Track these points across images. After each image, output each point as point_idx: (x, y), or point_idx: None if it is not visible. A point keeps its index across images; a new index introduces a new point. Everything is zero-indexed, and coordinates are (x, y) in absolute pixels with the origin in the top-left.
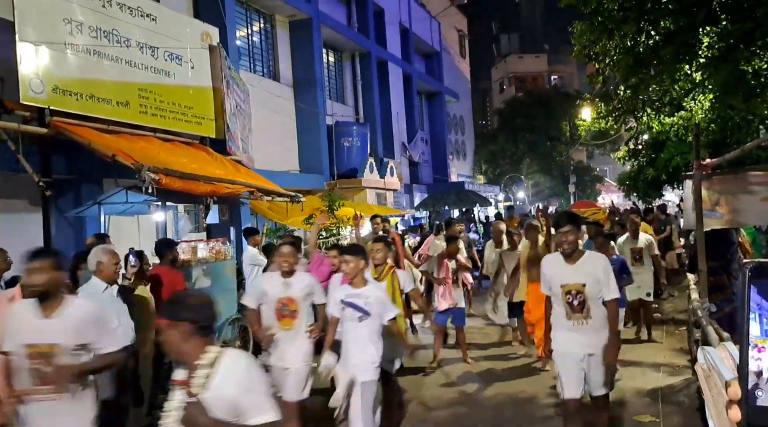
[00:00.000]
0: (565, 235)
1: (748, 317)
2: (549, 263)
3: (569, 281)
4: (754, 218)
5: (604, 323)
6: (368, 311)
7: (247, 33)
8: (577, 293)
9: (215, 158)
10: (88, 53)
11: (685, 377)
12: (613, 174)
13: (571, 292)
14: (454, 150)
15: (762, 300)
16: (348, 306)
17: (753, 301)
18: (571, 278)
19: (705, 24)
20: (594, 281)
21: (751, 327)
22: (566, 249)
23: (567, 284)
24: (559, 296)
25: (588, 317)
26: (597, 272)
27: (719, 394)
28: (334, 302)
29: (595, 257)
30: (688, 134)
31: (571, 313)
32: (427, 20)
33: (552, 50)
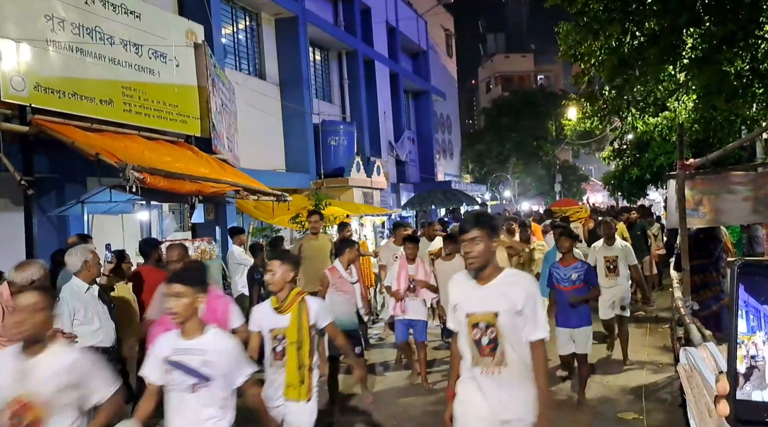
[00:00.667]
0: (470, 244)
1: (737, 315)
2: (456, 284)
3: (476, 308)
4: (735, 217)
5: (526, 374)
6: (206, 374)
7: (233, 31)
8: (487, 326)
9: (200, 157)
10: (70, 50)
11: (668, 375)
12: (599, 173)
13: (479, 325)
14: (440, 149)
15: (748, 297)
16: (175, 368)
17: (740, 299)
18: (479, 304)
19: (689, 25)
20: (512, 311)
21: (738, 324)
22: (473, 263)
23: (474, 314)
24: (465, 331)
25: (502, 363)
26: (518, 298)
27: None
28: (155, 361)
29: (519, 277)
30: (671, 134)
31: (479, 356)
32: (413, 19)
33: (538, 50)
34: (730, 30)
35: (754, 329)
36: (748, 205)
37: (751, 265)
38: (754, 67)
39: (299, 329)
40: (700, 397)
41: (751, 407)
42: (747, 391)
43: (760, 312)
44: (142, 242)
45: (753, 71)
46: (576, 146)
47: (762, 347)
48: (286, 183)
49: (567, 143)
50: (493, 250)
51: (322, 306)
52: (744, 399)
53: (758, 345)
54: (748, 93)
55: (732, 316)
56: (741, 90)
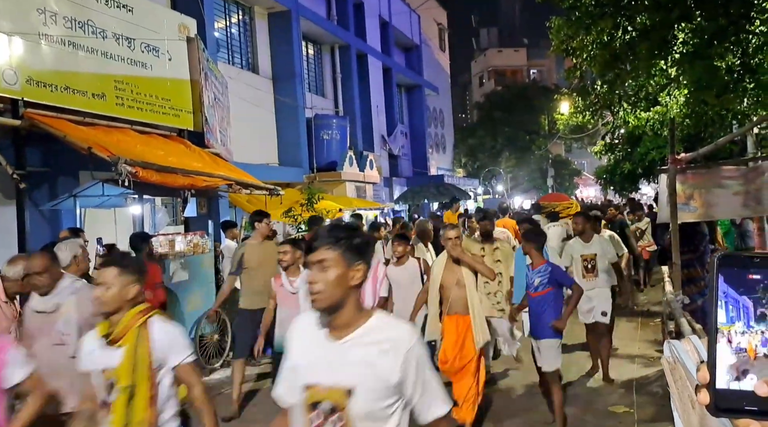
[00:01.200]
0: (316, 270)
1: (716, 305)
2: (297, 332)
3: (320, 378)
4: (726, 212)
5: None
6: None
7: (226, 25)
8: (332, 410)
9: (193, 151)
10: (62, 44)
11: (658, 368)
12: (591, 168)
13: (321, 405)
14: (433, 143)
15: (728, 288)
16: None
17: (725, 288)
18: (325, 372)
19: (680, 20)
20: (376, 389)
21: (726, 313)
22: (316, 302)
23: (315, 386)
24: (300, 412)
25: None
26: (391, 367)
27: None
28: None
29: (397, 331)
30: (663, 129)
31: None
32: (406, 13)
33: (531, 44)
34: (720, 25)
35: (734, 319)
36: (738, 199)
37: (730, 256)
38: (744, 61)
39: (133, 369)
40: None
41: (730, 395)
42: (726, 380)
43: (739, 303)
44: (133, 236)
45: (744, 66)
46: (568, 141)
47: (740, 337)
48: (278, 177)
49: (559, 138)
50: (351, 284)
51: (173, 335)
52: (723, 388)
53: (737, 335)
54: (739, 88)
55: (712, 306)
56: (732, 85)
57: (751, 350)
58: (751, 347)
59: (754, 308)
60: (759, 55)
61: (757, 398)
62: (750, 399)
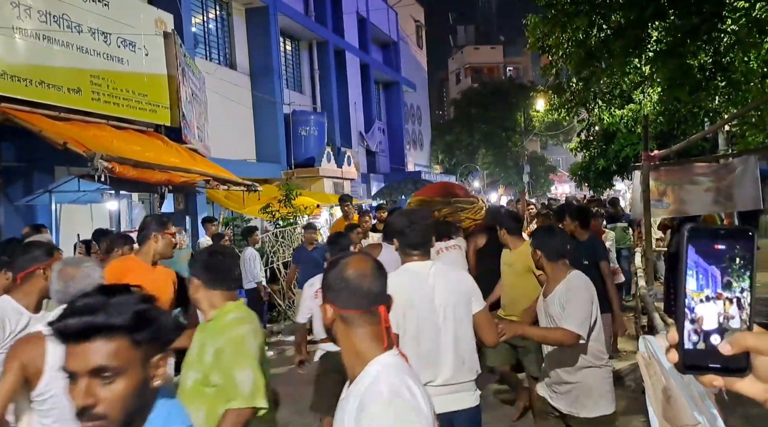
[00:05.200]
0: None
1: (685, 272)
2: None
3: None
4: (698, 208)
5: None
6: None
7: (203, 20)
8: None
9: (170, 146)
10: (37, 38)
11: (631, 362)
12: (566, 164)
13: None
14: (411, 140)
15: (698, 258)
16: None
17: (690, 259)
18: None
19: (654, 19)
20: None
21: (689, 282)
22: None
23: None
24: None
25: None
26: None
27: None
28: None
29: None
30: (637, 126)
31: None
32: (384, 10)
33: (508, 42)
34: (693, 24)
35: (703, 286)
36: (710, 195)
37: (699, 229)
38: (716, 60)
39: None
40: (658, 383)
41: (696, 355)
42: (693, 340)
43: (708, 272)
44: (94, 231)
45: (716, 64)
46: (544, 137)
47: (707, 302)
48: (256, 173)
49: (535, 134)
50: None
51: None
52: (690, 348)
53: (705, 301)
54: (711, 86)
55: (681, 273)
56: (704, 83)
57: (717, 313)
58: (717, 311)
59: (721, 276)
60: (730, 54)
61: (721, 357)
62: (714, 358)
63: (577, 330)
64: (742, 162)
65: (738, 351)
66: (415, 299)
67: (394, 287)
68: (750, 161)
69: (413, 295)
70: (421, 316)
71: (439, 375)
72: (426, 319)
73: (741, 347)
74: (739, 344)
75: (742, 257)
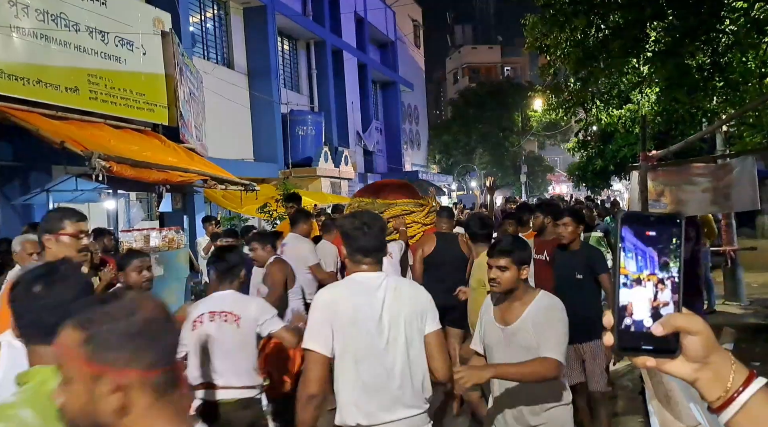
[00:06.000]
0: None
1: (623, 254)
2: None
3: None
4: (696, 208)
5: None
6: None
7: (201, 19)
8: None
9: (168, 146)
10: (34, 37)
11: (628, 362)
12: (564, 164)
13: None
14: (408, 140)
15: (637, 241)
16: None
17: (628, 241)
18: None
19: (652, 19)
20: None
21: (628, 264)
22: None
23: None
24: None
25: None
26: None
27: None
28: None
29: None
30: (635, 126)
31: None
32: (382, 9)
33: (505, 42)
34: (691, 24)
35: (642, 268)
36: (707, 196)
37: (633, 214)
38: (715, 60)
39: None
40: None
41: (630, 337)
42: (627, 323)
43: (645, 253)
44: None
45: (714, 65)
46: (542, 137)
47: (641, 285)
48: (254, 172)
49: (533, 134)
50: None
51: None
52: (623, 330)
53: (638, 283)
54: (709, 86)
55: (617, 257)
56: (702, 83)
57: (650, 296)
58: (650, 294)
59: (658, 257)
60: (729, 54)
61: (653, 338)
62: (647, 339)
63: (560, 358)
64: (740, 163)
65: (669, 331)
66: (359, 316)
67: (336, 300)
68: (747, 162)
69: (358, 311)
70: (365, 335)
71: (385, 408)
72: (371, 339)
73: (672, 328)
74: (670, 325)
75: (676, 240)
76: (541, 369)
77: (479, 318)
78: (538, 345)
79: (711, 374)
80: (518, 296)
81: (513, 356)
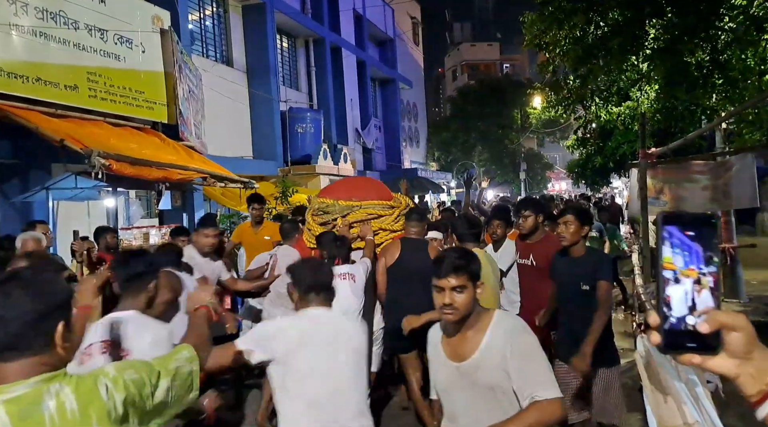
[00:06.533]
0: None
1: (661, 253)
2: None
3: None
4: (695, 206)
5: None
6: None
7: (200, 17)
8: None
9: (167, 144)
10: (34, 35)
11: (628, 360)
12: (563, 162)
13: None
14: (407, 137)
15: (684, 237)
16: None
17: (676, 237)
18: None
19: (651, 16)
20: None
21: (676, 260)
22: None
23: None
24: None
25: None
26: None
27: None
28: None
29: None
30: (634, 123)
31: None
32: (380, 7)
33: (504, 39)
34: (691, 21)
35: (688, 263)
36: (707, 194)
37: (674, 213)
38: (714, 57)
39: None
40: (656, 383)
41: (674, 334)
42: (671, 322)
43: (692, 249)
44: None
45: (713, 62)
46: (541, 135)
47: (684, 283)
48: (253, 170)
49: (532, 132)
50: None
51: None
52: (668, 329)
53: (681, 281)
54: (709, 83)
55: (660, 255)
56: (701, 80)
57: (693, 294)
58: (693, 291)
59: (703, 252)
60: (728, 52)
61: (697, 335)
62: (691, 337)
63: (560, 393)
64: (739, 160)
65: (714, 328)
66: (305, 337)
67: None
68: (747, 159)
69: (305, 334)
70: (314, 354)
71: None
72: (320, 356)
73: (716, 325)
74: (715, 322)
75: (715, 238)
76: (544, 416)
77: (429, 360)
78: (518, 385)
79: (752, 370)
80: (471, 322)
81: (475, 400)
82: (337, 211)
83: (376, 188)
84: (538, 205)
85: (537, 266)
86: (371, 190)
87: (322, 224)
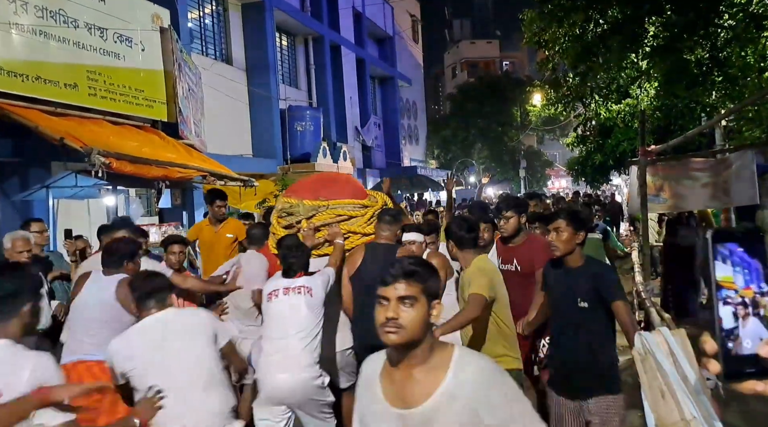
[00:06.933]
0: None
1: (714, 276)
2: None
3: None
4: (695, 203)
5: None
6: None
7: (199, 15)
8: None
9: (167, 142)
10: (34, 34)
11: (628, 357)
12: (563, 159)
13: None
14: (406, 135)
15: (744, 254)
16: None
17: (736, 256)
18: None
19: (650, 14)
20: None
21: (737, 279)
22: None
23: None
24: None
25: None
26: None
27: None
28: None
29: None
30: (634, 121)
31: None
32: (380, 4)
33: (504, 36)
34: (690, 19)
35: (748, 282)
36: (707, 191)
37: (723, 230)
38: (713, 55)
39: None
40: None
41: (733, 361)
42: (729, 346)
43: (752, 266)
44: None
45: (712, 59)
46: (540, 132)
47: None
48: (252, 168)
49: (532, 129)
50: None
51: None
52: (728, 355)
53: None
54: (708, 81)
55: (713, 277)
56: (701, 78)
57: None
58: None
59: (763, 269)
60: (727, 49)
61: (757, 360)
62: (750, 361)
63: None
64: (739, 157)
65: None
66: (135, 351)
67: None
68: (747, 156)
69: (134, 349)
70: (149, 365)
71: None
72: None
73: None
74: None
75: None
76: None
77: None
78: None
79: None
80: (422, 355)
81: None
82: (302, 212)
83: (347, 186)
84: (520, 205)
85: (521, 271)
86: (342, 188)
87: (287, 227)
